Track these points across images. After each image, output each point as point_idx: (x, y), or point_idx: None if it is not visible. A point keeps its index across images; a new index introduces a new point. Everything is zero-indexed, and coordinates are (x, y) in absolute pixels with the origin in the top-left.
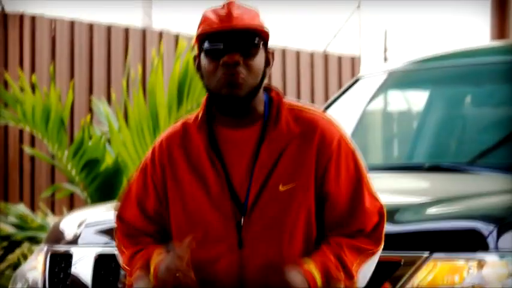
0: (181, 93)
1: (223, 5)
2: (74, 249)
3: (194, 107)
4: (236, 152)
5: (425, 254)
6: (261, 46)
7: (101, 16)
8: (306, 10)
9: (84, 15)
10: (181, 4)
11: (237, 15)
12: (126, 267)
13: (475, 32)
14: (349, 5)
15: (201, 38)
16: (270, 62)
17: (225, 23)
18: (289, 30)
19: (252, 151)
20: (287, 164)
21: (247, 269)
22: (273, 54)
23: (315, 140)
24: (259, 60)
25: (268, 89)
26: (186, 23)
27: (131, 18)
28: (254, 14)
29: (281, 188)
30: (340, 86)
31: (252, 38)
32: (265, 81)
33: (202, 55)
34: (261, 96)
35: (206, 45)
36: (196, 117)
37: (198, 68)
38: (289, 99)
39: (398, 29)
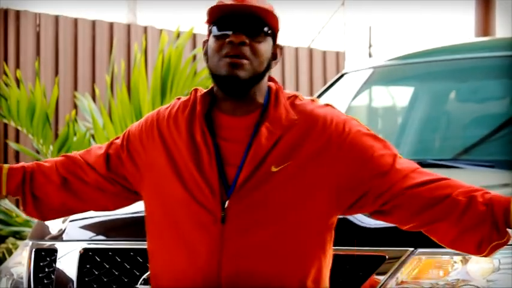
0: (164, 88)
1: None
2: (58, 245)
3: None
4: (232, 137)
5: (410, 249)
6: (269, 34)
7: (86, 14)
8: (291, 8)
9: (69, 13)
10: (165, 3)
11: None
12: None
13: (459, 29)
14: (333, 2)
15: (211, 19)
16: (277, 56)
17: (237, 1)
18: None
19: (249, 136)
20: (284, 148)
21: (226, 243)
22: (281, 49)
23: (317, 128)
24: (265, 47)
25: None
26: (170, 20)
27: (116, 15)
28: (269, 6)
29: (273, 169)
30: (324, 80)
31: (262, 23)
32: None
33: (211, 37)
34: (264, 87)
35: (215, 25)
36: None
37: (206, 52)
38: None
39: (382, 26)
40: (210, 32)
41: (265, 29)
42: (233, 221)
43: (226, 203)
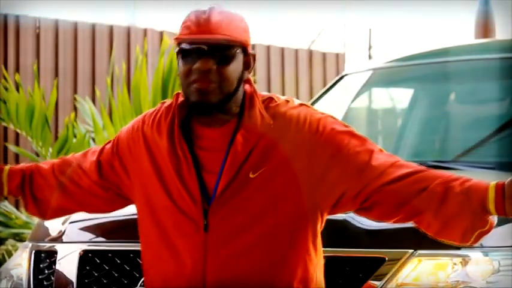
0: (165, 90)
1: (206, 10)
2: (58, 246)
3: None
4: (210, 147)
5: (410, 250)
6: (237, 54)
7: (85, 17)
8: (291, 9)
9: (69, 16)
10: (165, 4)
11: (216, 23)
12: None
13: (459, 30)
14: (333, 3)
15: (178, 42)
16: (250, 65)
17: (202, 31)
18: (274, 29)
19: (227, 144)
20: (260, 154)
21: (210, 252)
22: (254, 57)
23: (291, 129)
24: (234, 67)
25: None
26: (170, 22)
27: (115, 18)
28: (235, 22)
29: (251, 175)
30: (324, 82)
31: (228, 47)
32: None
33: (179, 56)
34: (238, 98)
35: (182, 47)
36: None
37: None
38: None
39: (382, 28)
40: (178, 49)
41: (232, 49)
42: (215, 228)
43: (208, 213)
